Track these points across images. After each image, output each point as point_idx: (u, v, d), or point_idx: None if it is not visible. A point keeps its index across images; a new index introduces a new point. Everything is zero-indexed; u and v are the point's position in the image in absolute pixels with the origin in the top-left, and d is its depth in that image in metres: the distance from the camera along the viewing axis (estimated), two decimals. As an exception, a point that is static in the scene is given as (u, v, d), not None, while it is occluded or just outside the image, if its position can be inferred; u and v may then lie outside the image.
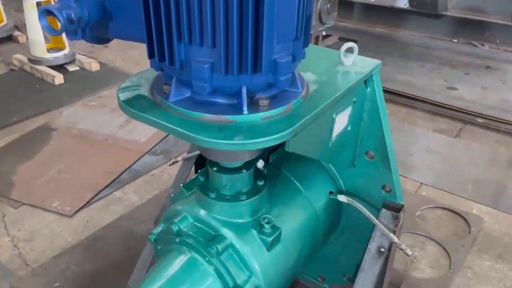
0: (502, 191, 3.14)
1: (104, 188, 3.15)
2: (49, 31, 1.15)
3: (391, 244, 1.71)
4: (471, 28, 5.96)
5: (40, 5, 4.78)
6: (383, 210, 1.75)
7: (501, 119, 4.02)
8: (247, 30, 1.09)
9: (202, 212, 1.57)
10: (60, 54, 5.05)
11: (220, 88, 1.22)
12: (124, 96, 1.34)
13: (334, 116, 1.47)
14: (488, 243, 2.69)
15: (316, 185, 1.86)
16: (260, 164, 1.73)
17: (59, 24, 1.13)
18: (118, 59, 5.43)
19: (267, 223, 1.54)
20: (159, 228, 1.63)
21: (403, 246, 1.64)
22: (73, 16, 1.13)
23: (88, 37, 1.29)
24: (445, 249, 2.64)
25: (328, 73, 1.53)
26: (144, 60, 1.37)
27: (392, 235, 1.66)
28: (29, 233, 2.76)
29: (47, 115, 4.14)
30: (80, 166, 3.39)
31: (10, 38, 5.96)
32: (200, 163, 2.16)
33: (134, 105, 1.29)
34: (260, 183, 1.62)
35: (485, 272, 2.50)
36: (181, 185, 1.75)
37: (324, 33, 5.04)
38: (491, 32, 5.89)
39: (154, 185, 3.22)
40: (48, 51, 5.02)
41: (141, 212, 2.92)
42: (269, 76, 1.19)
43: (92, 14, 1.19)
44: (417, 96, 4.41)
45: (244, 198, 1.54)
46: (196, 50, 1.15)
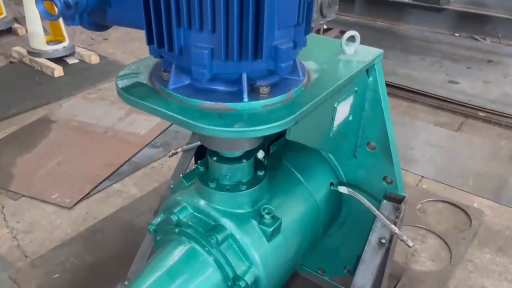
0: (503, 185, 3.13)
1: (104, 180, 3.14)
2: (46, 16, 1.13)
3: (392, 236, 1.70)
4: (473, 22, 5.92)
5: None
6: (384, 202, 1.74)
7: (503, 113, 4.00)
8: (248, 15, 1.07)
9: (202, 202, 1.55)
10: (60, 47, 5.03)
11: (220, 75, 1.20)
12: (123, 84, 1.32)
13: (336, 105, 1.45)
14: (489, 237, 2.68)
15: (317, 176, 1.85)
16: (261, 155, 1.72)
17: (56, 9, 1.11)
18: (118, 52, 5.40)
19: (268, 214, 1.52)
20: (159, 219, 1.62)
21: (404, 237, 1.63)
22: (71, 1, 1.11)
23: (86, 23, 1.27)
24: (446, 242, 2.63)
25: (330, 62, 1.51)
26: (144, 53, 1.36)
27: (393, 226, 1.65)
28: (28, 225, 2.75)
29: (47, 108, 4.13)
30: (80, 159, 3.38)
31: (10, 31, 5.93)
32: (200, 155, 2.15)
33: (133, 93, 1.28)
34: (261, 173, 1.60)
35: (486, 265, 2.49)
36: (181, 176, 1.74)
37: (325, 27, 5.02)
38: (493, 26, 5.85)
39: (154, 178, 3.21)
40: (48, 44, 4.99)
41: (141, 204, 2.91)
42: (270, 63, 1.17)
43: (90, -1, 1.17)
44: (418, 90, 4.39)
45: (244, 188, 1.53)
46: (196, 36, 1.13)
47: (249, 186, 1.54)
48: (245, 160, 1.54)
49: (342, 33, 1.58)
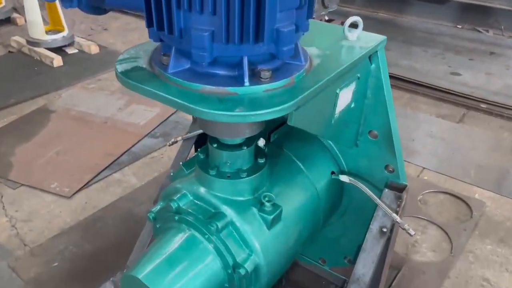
0: (505, 176, 3.11)
1: (103, 170, 3.13)
2: (44, -3, 1.11)
3: (393, 225, 1.68)
4: (476, 14, 5.87)
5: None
6: (386, 190, 1.72)
7: (505, 105, 3.97)
8: (249, -3, 1.05)
9: (202, 190, 1.54)
10: (59, 36, 4.99)
11: (221, 59, 1.18)
12: (122, 68, 1.30)
13: (338, 92, 1.43)
14: (490, 228, 2.67)
15: (318, 165, 1.83)
16: (261, 143, 1.70)
17: (54, -11, 1.09)
18: (118, 42, 5.36)
19: (268, 201, 1.51)
20: (158, 206, 1.60)
21: (406, 226, 1.62)
22: (68, -19, 1.09)
23: (84, 6, 1.25)
24: (447, 233, 2.62)
25: (332, 48, 1.49)
26: (144, 44, 1.34)
27: (395, 215, 1.63)
28: (28, 214, 2.74)
29: (46, 97, 4.10)
30: (79, 148, 3.36)
31: (9, 21, 5.89)
32: (200, 144, 2.13)
33: (132, 77, 1.26)
34: (261, 161, 1.58)
35: (487, 256, 2.48)
36: (181, 163, 1.72)
37: (327, 18, 4.97)
38: (496, 18, 5.80)
39: (154, 168, 3.19)
40: (47, 33, 4.96)
41: (141, 194, 2.90)
42: (271, 46, 1.15)
43: (88, -20, 1.14)
44: (421, 82, 4.35)
45: (245, 176, 1.51)
46: (196, 18, 1.10)
47: (250, 174, 1.53)
48: (246, 147, 1.52)
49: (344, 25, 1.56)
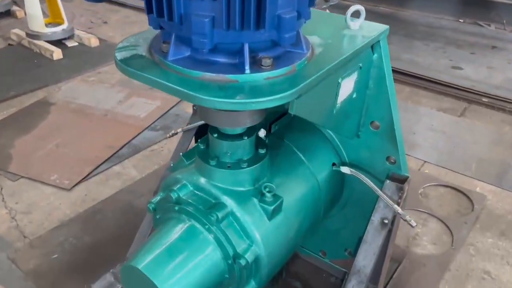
0: (507, 170, 3.10)
1: (103, 163, 3.11)
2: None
3: (395, 216, 1.67)
4: (478, 8, 5.84)
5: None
6: (387, 181, 1.71)
7: (507, 99, 3.95)
8: (250, -18, 1.03)
9: (202, 180, 1.53)
10: (59, 29, 4.97)
11: (221, 46, 1.16)
12: (121, 56, 1.28)
13: (340, 81, 1.41)
14: (491, 221, 2.66)
15: (319, 156, 1.82)
16: (262, 133, 1.69)
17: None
18: (118, 36, 5.33)
19: (269, 192, 1.49)
20: (158, 197, 1.59)
21: (407, 217, 1.61)
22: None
23: (83, -8, 1.23)
24: (448, 226, 2.61)
25: (334, 37, 1.47)
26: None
27: (396, 206, 1.62)
28: (27, 206, 2.73)
29: (46, 90, 4.08)
30: (79, 141, 3.35)
31: (8, 13, 5.87)
32: (200, 135, 2.12)
33: (132, 64, 1.24)
34: (262, 152, 1.57)
35: (488, 249, 2.47)
36: (181, 154, 1.71)
37: (328, 11, 4.94)
38: (498, 12, 5.77)
39: (154, 160, 3.18)
40: (47, 26, 4.93)
41: (141, 186, 2.89)
42: (273, 33, 1.13)
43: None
44: (422, 75, 4.33)
45: (245, 166, 1.50)
46: (196, 4, 1.09)
47: (250, 164, 1.51)
48: (246, 137, 1.51)
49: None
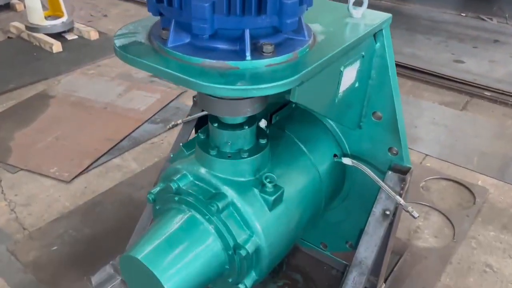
0: (509, 164, 3.08)
1: (103, 155, 3.10)
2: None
3: (397, 208, 1.66)
4: (480, 2, 5.82)
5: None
6: (389, 172, 1.69)
7: (509, 93, 3.92)
8: (252, -35, 1.01)
9: (202, 170, 1.51)
10: (58, 22, 4.94)
11: (222, 32, 1.14)
12: (120, 42, 1.27)
13: (342, 69, 1.39)
14: (493, 214, 2.64)
15: (320, 148, 1.80)
16: (263, 124, 1.67)
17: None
18: (118, 29, 5.29)
19: (270, 182, 1.48)
20: (158, 187, 1.58)
21: (409, 208, 1.59)
22: None
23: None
24: (449, 219, 2.59)
25: (336, 25, 1.45)
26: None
27: (398, 197, 1.61)
28: (26, 198, 2.72)
29: (45, 83, 4.06)
30: (79, 133, 3.33)
31: (8, 6, 5.84)
32: (201, 127, 2.09)
33: (131, 51, 1.22)
34: (263, 142, 1.55)
35: (490, 243, 2.45)
36: (181, 144, 1.69)
37: None
38: (500, 6, 5.74)
39: (154, 153, 3.16)
40: (46, 19, 4.90)
41: (141, 179, 2.87)
42: (274, 19, 1.11)
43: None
44: (424, 69, 4.31)
45: (246, 156, 1.49)
46: (197, -12, 1.07)
47: (251, 154, 1.50)
48: (247, 127, 1.49)
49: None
